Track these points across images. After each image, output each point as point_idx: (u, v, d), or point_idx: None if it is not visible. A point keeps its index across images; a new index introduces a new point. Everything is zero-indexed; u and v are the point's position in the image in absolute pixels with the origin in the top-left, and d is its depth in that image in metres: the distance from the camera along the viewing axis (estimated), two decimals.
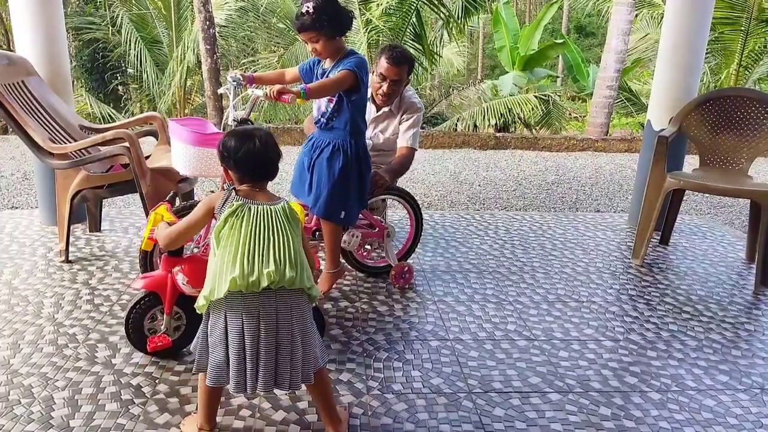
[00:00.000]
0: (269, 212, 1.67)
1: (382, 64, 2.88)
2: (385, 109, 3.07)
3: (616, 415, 1.93)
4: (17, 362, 2.09)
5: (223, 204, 1.67)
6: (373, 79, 2.95)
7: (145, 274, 2.16)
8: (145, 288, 2.07)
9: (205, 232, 2.46)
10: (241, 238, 1.62)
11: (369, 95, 2.96)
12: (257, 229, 1.64)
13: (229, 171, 1.73)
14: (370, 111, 3.04)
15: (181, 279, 2.02)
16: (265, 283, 1.58)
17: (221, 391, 1.72)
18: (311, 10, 2.30)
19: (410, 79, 3.02)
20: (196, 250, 2.46)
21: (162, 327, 2.10)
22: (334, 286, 2.77)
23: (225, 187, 1.78)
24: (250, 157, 1.68)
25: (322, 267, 2.69)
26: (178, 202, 2.29)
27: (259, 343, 1.61)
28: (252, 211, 1.66)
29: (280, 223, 1.68)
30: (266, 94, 2.25)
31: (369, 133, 2.97)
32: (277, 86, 2.22)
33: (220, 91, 2.62)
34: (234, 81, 2.41)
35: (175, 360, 2.13)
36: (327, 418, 1.76)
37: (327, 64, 2.49)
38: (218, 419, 1.82)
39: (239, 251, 1.61)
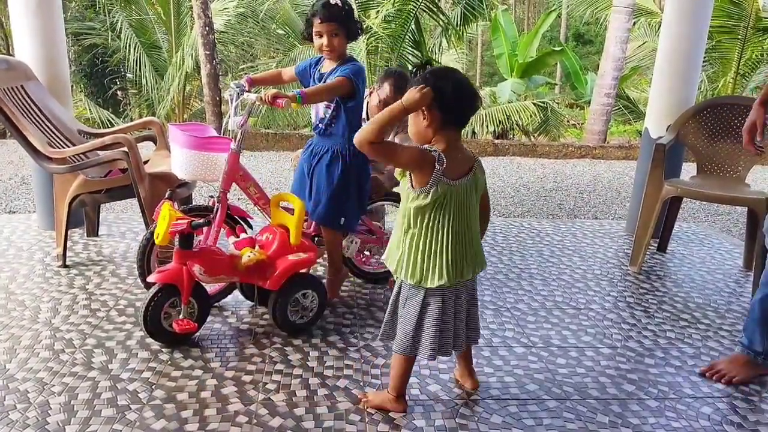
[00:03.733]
0: (467, 192, 1.71)
1: (386, 89, 2.88)
2: None
3: (614, 422, 1.93)
4: (13, 367, 2.08)
5: (432, 176, 1.63)
6: (372, 100, 2.95)
7: (160, 268, 2.22)
8: (162, 281, 2.18)
9: (208, 237, 2.46)
10: (447, 232, 1.70)
11: (366, 113, 2.96)
12: (461, 219, 1.71)
13: (433, 115, 1.64)
14: None
15: (197, 269, 2.17)
16: (467, 278, 1.78)
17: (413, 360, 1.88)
18: (341, 3, 2.33)
19: None
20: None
21: (180, 316, 2.21)
22: None
23: (427, 149, 1.66)
24: (462, 93, 1.63)
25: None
26: (176, 205, 2.29)
27: (458, 314, 1.83)
28: (456, 194, 1.68)
29: (473, 202, 1.75)
30: (260, 99, 2.26)
31: None
32: (272, 91, 2.23)
33: (225, 96, 2.64)
34: (237, 87, 2.42)
35: (172, 365, 2.13)
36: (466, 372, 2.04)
37: (324, 67, 2.50)
38: (214, 425, 1.81)
39: (447, 249, 1.71)
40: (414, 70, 1.73)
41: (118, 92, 11.19)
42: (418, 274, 1.74)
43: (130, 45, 9.80)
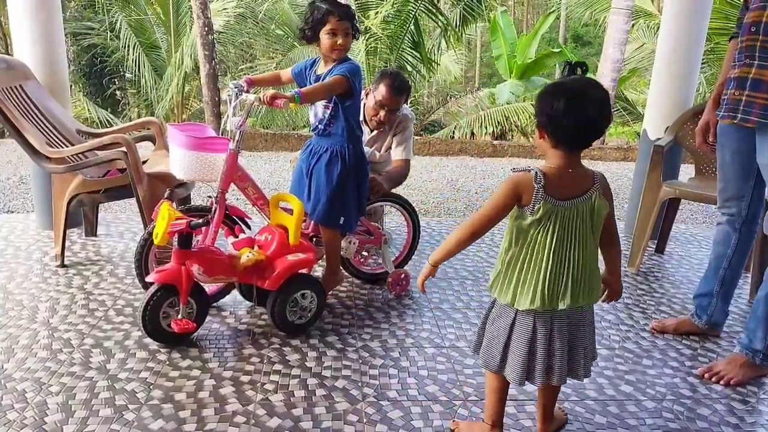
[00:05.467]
0: (577, 215, 1.55)
1: (381, 90, 2.88)
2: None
3: (612, 423, 1.93)
4: (11, 367, 2.08)
5: (533, 195, 1.51)
6: (368, 101, 2.95)
7: (158, 268, 2.22)
8: (160, 281, 2.17)
9: (207, 237, 2.46)
10: (547, 255, 1.55)
11: (362, 117, 2.97)
12: (564, 242, 1.56)
13: (545, 133, 1.52)
14: (365, 133, 3.03)
15: (196, 269, 2.17)
16: (561, 307, 1.60)
17: (507, 385, 1.74)
18: (350, 4, 2.37)
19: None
20: None
21: (179, 316, 2.21)
22: (331, 292, 2.76)
23: (527, 168, 1.55)
24: (575, 116, 1.44)
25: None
26: (174, 205, 2.29)
27: (552, 342, 1.63)
28: (561, 216, 1.53)
29: (585, 228, 1.57)
30: (259, 99, 2.26)
31: (365, 150, 2.98)
32: (270, 91, 2.23)
33: (224, 96, 2.65)
34: (236, 87, 2.42)
35: (170, 366, 2.13)
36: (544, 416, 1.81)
37: (321, 69, 2.50)
38: (212, 425, 1.81)
39: (544, 273, 1.56)
40: (564, 67, 1.57)
41: (117, 92, 11.20)
42: (510, 294, 1.62)
43: (129, 45, 9.81)
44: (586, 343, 1.68)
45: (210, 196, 2.43)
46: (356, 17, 2.46)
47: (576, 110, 1.45)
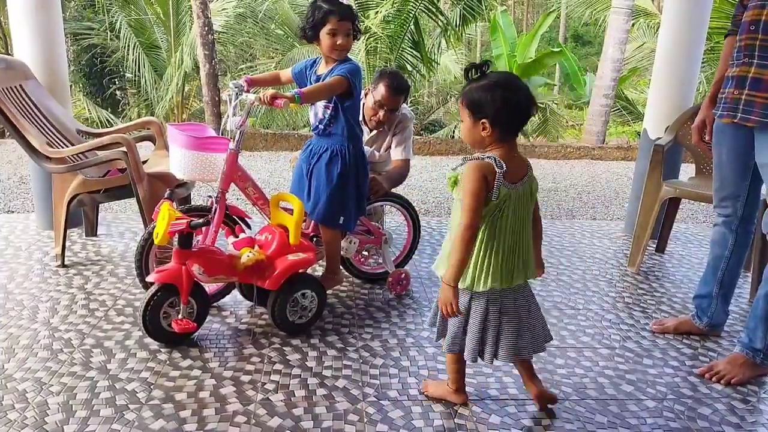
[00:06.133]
0: (523, 196, 1.71)
1: (381, 90, 2.88)
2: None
3: (612, 423, 1.93)
4: (11, 367, 2.08)
5: (495, 181, 1.63)
6: (367, 101, 2.95)
7: (159, 268, 2.22)
8: (161, 281, 2.17)
9: (207, 237, 2.46)
10: (505, 237, 1.70)
11: (362, 117, 2.97)
12: (517, 225, 1.71)
13: (492, 129, 1.64)
14: (365, 132, 3.03)
15: (196, 269, 2.17)
16: (516, 283, 1.76)
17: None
18: (352, 4, 2.37)
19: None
20: None
21: (180, 316, 2.21)
22: (330, 291, 2.76)
23: (479, 156, 1.68)
24: (523, 106, 1.62)
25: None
26: (175, 205, 2.29)
27: (503, 320, 1.78)
28: (514, 199, 1.68)
29: (529, 208, 1.74)
30: (259, 99, 2.26)
31: (365, 150, 2.98)
32: (270, 91, 2.23)
33: (224, 96, 2.65)
34: (236, 87, 2.42)
35: (171, 365, 2.13)
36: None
37: (321, 69, 2.50)
38: (213, 425, 1.81)
39: (503, 254, 1.71)
40: (469, 70, 1.69)
41: (117, 92, 11.20)
42: (468, 279, 1.73)
43: (129, 45, 9.81)
44: (537, 319, 1.86)
45: (210, 196, 2.43)
46: (358, 18, 2.46)
47: (514, 99, 1.62)
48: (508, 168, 1.65)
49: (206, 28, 7.46)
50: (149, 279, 2.23)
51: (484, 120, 1.65)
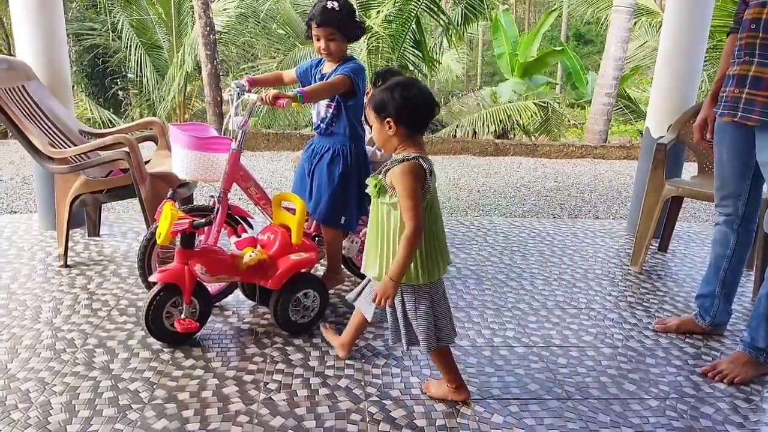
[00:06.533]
0: (435, 188, 1.81)
1: None
2: None
3: (615, 422, 1.93)
4: (15, 367, 2.08)
5: (426, 179, 1.73)
6: (368, 101, 2.94)
7: (161, 268, 2.22)
8: (163, 281, 2.18)
9: (208, 237, 2.46)
10: (438, 227, 1.82)
11: (363, 116, 2.96)
12: (438, 214, 1.82)
13: (396, 126, 1.75)
14: (366, 131, 3.03)
15: (199, 269, 2.18)
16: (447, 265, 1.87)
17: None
18: (337, 8, 2.33)
19: None
20: None
21: (182, 316, 2.22)
22: (332, 291, 2.76)
23: (404, 158, 1.76)
24: (421, 102, 1.73)
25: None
26: (177, 205, 2.30)
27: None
28: (434, 191, 1.79)
29: (437, 197, 1.84)
30: (261, 99, 2.26)
31: (367, 150, 2.98)
32: (273, 91, 2.23)
33: (226, 96, 2.64)
34: (238, 87, 2.42)
35: (173, 365, 2.13)
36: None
37: (326, 68, 2.50)
38: (215, 425, 1.81)
39: (440, 242, 1.82)
40: (375, 78, 1.84)
41: (119, 92, 11.21)
42: (426, 273, 1.81)
43: (131, 45, 9.81)
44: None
45: (212, 196, 2.43)
46: (348, 19, 2.39)
47: (411, 96, 1.72)
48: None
49: (208, 28, 7.46)
50: (152, 279, 2.23)
51: (388, 119, 1.75)
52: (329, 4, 2.34)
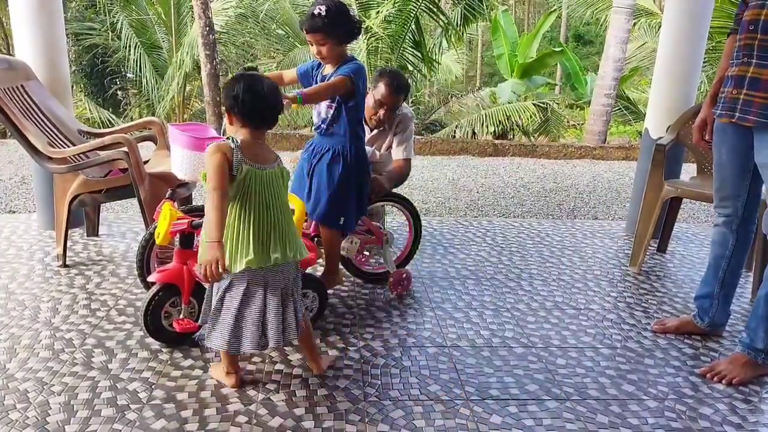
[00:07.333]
0: (274, 179, 1.87)
1: (381, 89, 2.88)
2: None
3: (614, 423, 1.93)
4: (13, 367, 2.08)
5: (234, 158, 1.77)
6: (367, 100, 2.94)
7: (160, 268, 2.22)
8: (162, 281, 2.17)
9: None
10: (253, 213, 1.82)
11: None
12: (267, 202, 1.84)
13: (233, 115, 1.85)
14: (365, 132, 3.03)
15: (198, 269, 2.10)
16: (274, 257, 1.85)
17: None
18: (324, 13, 2.31)
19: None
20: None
21: (181, 316, 2.21)
22: (332, 291, 2.76)
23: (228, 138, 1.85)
24: (257, 100, 1.81)
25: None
26: (176, 205, 2.29)
27: (267, 304, 1.89)
28: (261, 178, 1.82)
29: (282, 191, 1.89)
30: None
31: (366, 150, 2.98)
32: None
33: None
34: None
35: (172, 365, 2.13)
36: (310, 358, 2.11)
37: (327, 69, 2.50)
38: (214, 425, 1.81)
39: (253, 229, 1.82)
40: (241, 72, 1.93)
41: (119, 92, 11.19)
42: (228, 259, 1.81)
43: (130, 45, 9.80)
44: (296, 299, 1.97)
45: None
46: (338, 21, 2.34)
47: (252, 93, 1.81)
48: (252, 151, 1.83)
49: (207, 28, 7.45)
50: (150, 279, 2.23)
51: (228, 111, 1.86)
52: (315, 10, 2.33)
